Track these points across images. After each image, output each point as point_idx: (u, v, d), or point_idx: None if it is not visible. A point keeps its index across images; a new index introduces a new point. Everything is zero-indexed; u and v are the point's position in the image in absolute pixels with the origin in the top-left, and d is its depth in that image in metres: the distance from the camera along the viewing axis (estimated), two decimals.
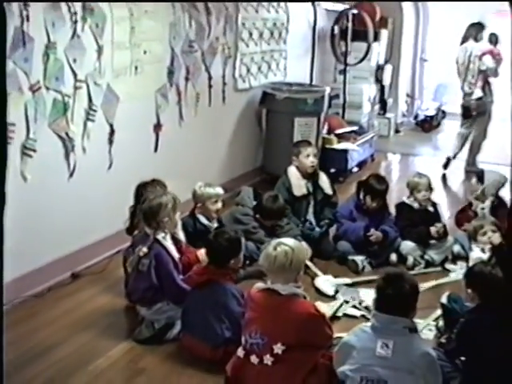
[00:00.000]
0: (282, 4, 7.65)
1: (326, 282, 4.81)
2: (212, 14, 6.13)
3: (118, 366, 3.71)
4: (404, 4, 10.42)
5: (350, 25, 8.90)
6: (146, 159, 5.52)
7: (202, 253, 4.27)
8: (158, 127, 5.65)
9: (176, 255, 4.08)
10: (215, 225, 4.93)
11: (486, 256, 4.56)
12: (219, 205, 4.91)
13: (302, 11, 8.25)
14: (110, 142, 5.06)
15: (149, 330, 3.95)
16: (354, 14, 8.93)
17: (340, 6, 8.79)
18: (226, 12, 6.42)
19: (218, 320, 3.73)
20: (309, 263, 4.82)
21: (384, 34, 9.90)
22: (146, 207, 4.04)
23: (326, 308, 4.26)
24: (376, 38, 9.41)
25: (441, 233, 5.44)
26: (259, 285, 3.68)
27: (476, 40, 8.51)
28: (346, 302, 4.58)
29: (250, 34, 7.07)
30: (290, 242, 3.61)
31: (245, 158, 7.42)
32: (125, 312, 4.28)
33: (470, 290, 3.54)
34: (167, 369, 3.70)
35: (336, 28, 9.02)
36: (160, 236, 4.01)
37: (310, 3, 8.18)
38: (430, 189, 5.61)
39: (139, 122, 5.42)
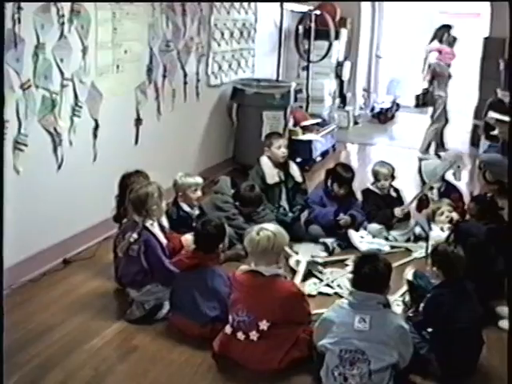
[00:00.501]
0: (252, 5, 7.68)
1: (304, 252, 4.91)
2: (187, 15, 6.15)
3: (112, 344, 3.73)
4: (362, 5, 10.52)
5: (313, 25, 8.94)
6: (128, 151, 5.52)
7: (186, 238, 4.32)
8: (138, 122, 5.65)
9: (164, 241, 4.11)
10: (197, 212, 4.99)
11: (444, 234, 4.65)
12: (199, 193, 4.96)
13: (269, 12, 8.30)
14: (95, 135, 5.05)
15: (139, 311, 3.98)
16: (316, 15, 8.98)
17: (304, 8, 8.83)
18: (200, 13, 6.44)
19: (206, 300, 3.77)
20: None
21: (343, 32, 9.99)
22: (135, 197, 4.05)
23: (306, 288, 4.34)
24: (336, 36, 9.49)
25: (405, 212, 5.56)
26: (243, 267, 3.74)
27: (440, 41, 8.69)
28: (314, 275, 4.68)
29: (222, 34, 7.09)
30: (271, 227, 3.69)
31: (217, 149, 7.45)
32: (115, 294, 4.29)
33: (435, 268, 3.62)
34: (158, 346, 3.73)
35: (300, 28, 9.08)
36: (148, 223, 4.03)
37: (277, 5, 8.21)
38: (391, 177, 5.71)
39: (121, 116, 5.42)
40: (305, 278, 4.63)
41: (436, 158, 7.07)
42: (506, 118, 3.76)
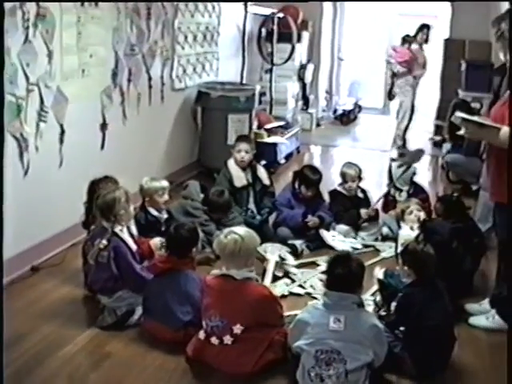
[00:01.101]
0: (216, 9, 7.70)
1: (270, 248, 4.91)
2: (152, 18, 6.13)
3: (85, 351, 3.69)
4: (324, 8, 10.61)
5: (275, 28, 8.99)
6: (94, 156, 5.48)
7: (154, 242, 4.31)
8: (104, 126, 5.61)
9: (134, 246, 4.08)
10: (165, 216, 4.97)
11: (414, 233, 4.71)
12: (166, 197, 4.95)
13: (232, 15, 8.31)
14: (61, 141, 5.00)
15: (111, 317, 3.94)
16: (279, 18, 9.04)
17: (267, 11, 8.87)
18: (164, 17, 6.43)
19: (179, 304, 3.75)
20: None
21: (305, 35, 10.08)
22: (102, 203, 4.02)
23: (277, 289, 4.36)
24: (299, 39, 9.56)
25: (371, 214, 5.62)
26: (214, 272, 3.75)
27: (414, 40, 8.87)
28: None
29: (186, 37, 7.08)
30: (240, 230, 3.68)
31: (182, 152, 7.44)
32: (85, 301, 4.25)
33: (406, 267, 3.66)
34: (131, 352, 3.70)
35: (263, 31, 9.12)
36: (117, 229, 4.01)
37: (240, 8, 8.24)
38: (358, 178, 5.77)
39: (87, 121, 5.37)
40: (276, 279, 4.65)
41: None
42: (475, 118, 3.82)
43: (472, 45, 9.10)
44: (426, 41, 8.98)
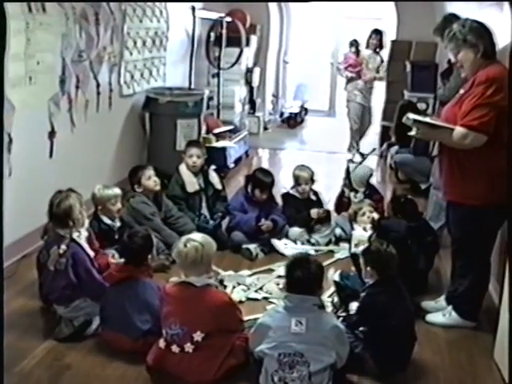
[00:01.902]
0: (164, 14, 7.66)
1: (228, 277, 4.83)
2: (101, 24, 6.05)
3: (43, 364, 3.63)
4: (271, 11, 10.67)
5: (224, 32, 8.99)
6: (43, 165, 5.38)
7: (111, 261, 4.28)
8: (52, 134, 5.50)
9: (91, 253, 4.04)
10: (118, 224, 4.93)
11: (367, 233, 4.77)
12: (119, 205, 4.91)
13: (180, 20, 8.27)
14: (9, 150, 4.88)
15: (68, 328, 3.88)
16: (228, 22, 9.05)
17: (215, 15, 8.87)
18: (113, 22, 6.36)
19: (138, 313, 3.71)
20: None
21: (253, 39, 10.11)
22: (59, 211, 3.98)
23: (234, 295, 4.36)
24: (247, 43, 9.60)
25: (321, 214, 5.68)
26: (173, 279, 3.73)
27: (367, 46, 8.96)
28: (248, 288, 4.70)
29: (134, 43, 7.01)
30: (198, 237, 3.67)
31: (131, 159, 7.33)
32: (41, 313, 4.18)
33: (369, 268, 3.70)
34: (91, 363, 3.66)
35: (212, 35, 9.12)
36: (75, 235, 3.96)
37: (189, 12, 8.22)
38: (311, 181, 5.82)
39: (35, 129, 5.26)
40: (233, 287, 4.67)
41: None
42: (428, 120, 3.89)
43: (418, 46, 9.24)
44: (380, 46, 9.05)
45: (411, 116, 3.89)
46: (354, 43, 9.10)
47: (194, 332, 3.46)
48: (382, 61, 9.03)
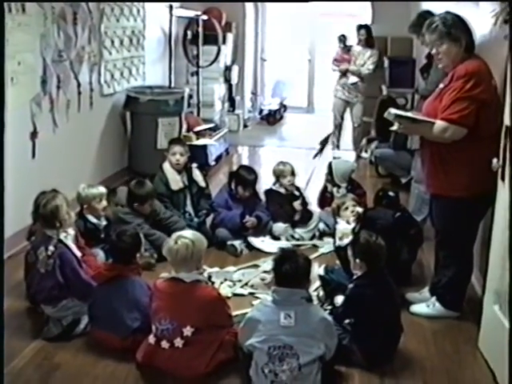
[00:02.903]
0: (141, 12, 7.66)
1: (213, 274, 4.84)
2: (78, 23, 6.04)
3: (33, 364, 3.62)
4: (246, 9, 10.69)
5: (200, 30, 9.00)
6: (25, 166, 5.36)
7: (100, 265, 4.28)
8: (34, 135, 5.49)
9: (78, 253, 4.04)
10: (104, 222, 4.94)
11: (350, 226, 4.81)
12: (104, 203, 4.92)
13: (156, 18, 8.27)
14: None
15: (57, 328, 3.88)
16: (204, 20, 9.05)
17: (191, 13, 8.87)
18: (90, 22, 6.35)
19: (127, 311, 3.71)
20: None
21: (230, 37, 10.14)
22: (46, 212, 3.97)
23: (221, 291, 4.37)
24: (224, 41, 9.61)
25: (302, 205, 5.77)
26: (164, 275, 3.74)
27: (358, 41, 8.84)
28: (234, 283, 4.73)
29: (112, 42, 7.01)
30: (188, 234, 3.69)
31: (113, 158, 7.36)
32: (29, 313, 4.16)
33: (358, 260, 3.72)
34: (81, 362, 3.66)
35: (189, 33, 9.12)
36: (62, 236, 3.96)
37: (165, 11, 8.21)
38: (292, 175, 5.87)
39: (17, 130, 5.24)
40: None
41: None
42: (409, 114, 3.94)
43: (394, 42, 9.34)
44: (367, 42, 8.68)
45: (393, 111, 3.93)
46: (342, 38, 9.04)
47: (183, 327, 3.48)
48: (370, 56, 8.76)
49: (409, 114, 3.96)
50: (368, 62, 8.60)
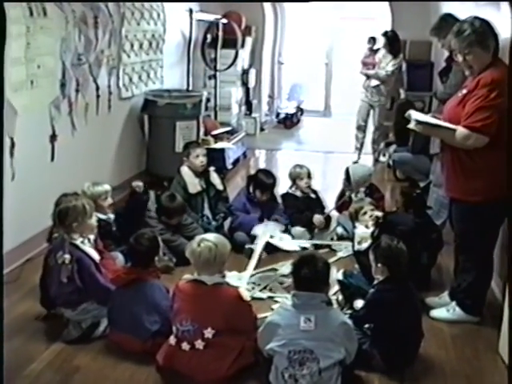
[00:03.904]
0: (161, 16, 7.68)
1: (232, 277, 4.83)
2: (99, 27, 6.06)
3: (53, 367, 3.63)
4: (266, 12, 10.69)
5: (220, 34, 9.02)
6: (45, 169, 5.39)
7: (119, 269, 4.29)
8: (53, 138, 5.51)
9: (96, 257, 4.02)
10: (112, 216, 4.96)
11: (369, 230, 4.78)
12: (110, 200, 4.94)
13: (177, 22, 8.29)
14: (12, 154, 4.89)
15: (76, 331, 3.89)
16: (224, 24, 9.07)
17: (211, 17, 8.89)
18: (111, 25, 6.38)
19: (146, 314, 3.72)
20: None
21: (248, 41, 10.14)
22: (56, 211, 4.00)
23: (246, 292, 4.36)
24: (242, 45, 9.62)
25: (322, 222, 5.74)
26: (186, 277, 3.73)
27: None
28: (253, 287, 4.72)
29: (132, 46, 7.04)
30: (212, 237, 3.69)
31: (130, 162, 7.39)
32: (48, 316, 4.15)
33: (379, 265, 3.70)
34: (100, 365, 3.66)
35: (208, 37, 9.13)
36: (78, 241, 3.95)
37: (185, 15, 8.23)
38: (308, 177, 5.87)
39: (36, 133, 5.29)
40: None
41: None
42: (431, 120, 3.91)
43: (412, 45, 9.30)
44: (392, 49, 8.46)
45: (414, 116, 3.91)
46: (372, 41, 8.97)
47: (204, 328, 3.47)
48: (391, 61, 8.66)
49: (429, 120, 3.94)
50: (390, 64, 8.48)
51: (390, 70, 8.44)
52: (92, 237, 4.25)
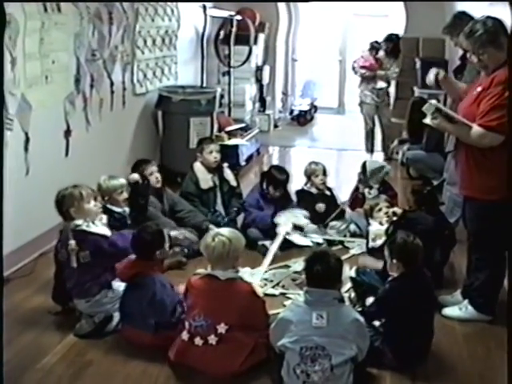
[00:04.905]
0: (175, 12, 7.68)
1: (244, 274, 4.83)
2: (114, 23, 6.08)
3: (65, 360, 3.64)
4: (280, 9, 10.68)
5: (234, 30, 9.01)
6: (59, 164, 5.41)
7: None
8: (67, 133, 5.53)
9: (108, 232, 4.02)
10: (127, 209, 4.94)
11: (383, 227, 4.76)
12: (125, 194, 4.90)
13: (191, 19, 8.31)
14: (26, 149, 4.92)
15: (89, 325, 3.90)
16: (238, 20, 9.06)
17: (225, 13, 8.89)
18: (126, 21, 6.39)
19: (151, 309, 3.72)
20: None
21: (261, 37, 10.13)
22: (55, 200, 4.03)
23: (258, 288, 4.36)
24: (255, 41, 9.61)
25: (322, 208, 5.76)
26: (199, 271, 3.73)
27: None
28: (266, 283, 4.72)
29: (145, 42, 7.06)
30: (226, 232, 3.68)
31: (145, 157, 7.33)
32: (61, 310, 4.17)
33: (395, 260, 3.66)
34: (112, 359, 3.66)
35: (222, 33, 9.13)
36: (84, 225, 3.92)
37: (199, 11, 8.24)
38: (325, 174, 5.85)
39: (51, 128, 5.30)
40: None
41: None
42: (449, 111, 3.88)
43: (426, 42, 9.25)
44: (392, 52, 8.86)
45: (434, 102, 3.88)
46: (376, 45, 8.94)
47: (217, 324, 3.47)
48: (394, 62, 8.79)
49: (449, 111, 3.91)
50: (394, 66, 8.78)
51: (397, 70, 8.73)
52: (104, 219, 4.25)
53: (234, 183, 5.88)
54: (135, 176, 5.22)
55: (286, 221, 5.28)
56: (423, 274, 3.67)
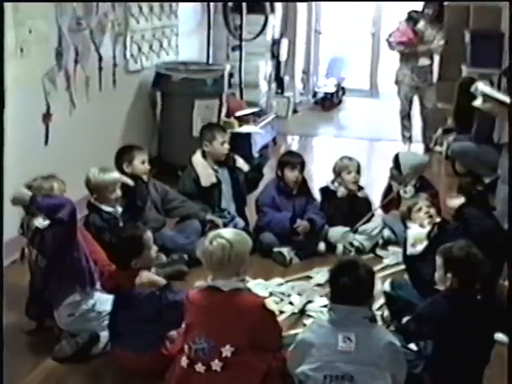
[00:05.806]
0: None
1: (257, 286, 4.79)
2: None
3: None
4: None
5: None
6: (36, 154, 5.42)
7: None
8: (47, 117, 5.54)
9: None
10: (119, 209, 4.92)
11: (425, 230, 4.71)
12: (118, 192, 4.85)
13: None
14: None
15: (71, 346, 3.89)
16: None
17: None
18: None
19: (136, 325, 3.73)
20: None
21: (278, 5, 10.07)
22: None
23: (273, 305, 4.33)
24: (272, 9, 9.57)
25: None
26: (198, 284, 3.69)
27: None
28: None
29: (140, 9, 7.07)
30: (227, 233, 3.63)
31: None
32: (37, 329, 4.17)
33: (449, 274, 3.58)
34: None
35: None
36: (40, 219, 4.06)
37: None
38: (359, 172, 5.84)
39: (27, 111, 5.29)
40: None
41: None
42: (499, 96, 3.84)
43: (478, 12, 9.16)
44: (437, 17, 8.68)
45: (480, 87, 3.84)
46: (414, 15, 8.84)
47: (222, 346, 3.42)
48: (439, 30, 8.64)
49: (500, 96, 3.86)
50: (437, 37, 8.55)
51: (442, 43, 8.55)
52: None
53: (245, 168, 5.94)
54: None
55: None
56: (483, 293, 3.60)
